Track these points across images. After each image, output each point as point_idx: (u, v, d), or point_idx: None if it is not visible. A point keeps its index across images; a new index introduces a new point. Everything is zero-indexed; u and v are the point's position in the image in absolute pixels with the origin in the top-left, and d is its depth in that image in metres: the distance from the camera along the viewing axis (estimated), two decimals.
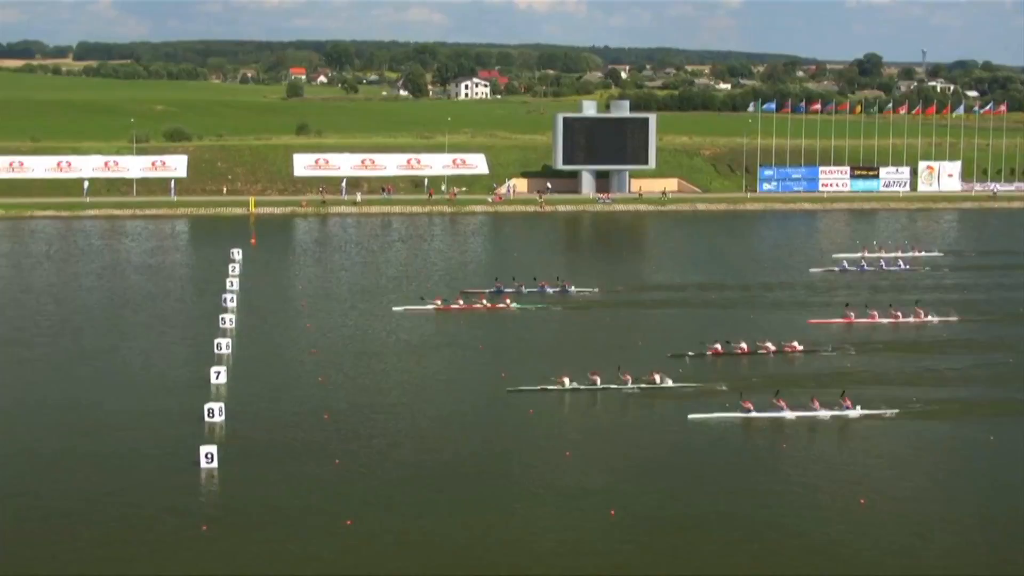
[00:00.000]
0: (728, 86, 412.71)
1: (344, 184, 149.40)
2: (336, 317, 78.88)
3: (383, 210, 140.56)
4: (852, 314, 77.49)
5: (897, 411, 55.63)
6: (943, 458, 49.95)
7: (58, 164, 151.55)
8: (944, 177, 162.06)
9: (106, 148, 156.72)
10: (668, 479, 46.70)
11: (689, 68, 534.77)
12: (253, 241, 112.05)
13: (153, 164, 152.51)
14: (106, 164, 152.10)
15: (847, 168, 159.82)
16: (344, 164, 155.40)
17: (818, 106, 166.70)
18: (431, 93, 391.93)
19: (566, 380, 59.57)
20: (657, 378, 60.24)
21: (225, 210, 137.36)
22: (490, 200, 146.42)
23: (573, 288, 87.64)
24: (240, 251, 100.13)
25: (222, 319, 74.66)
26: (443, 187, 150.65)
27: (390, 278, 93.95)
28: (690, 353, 67.00)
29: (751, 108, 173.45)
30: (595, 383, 59.60)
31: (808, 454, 50.28)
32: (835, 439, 52.78)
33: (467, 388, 60.37)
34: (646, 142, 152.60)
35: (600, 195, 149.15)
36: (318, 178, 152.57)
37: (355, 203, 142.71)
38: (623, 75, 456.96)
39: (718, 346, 67.41)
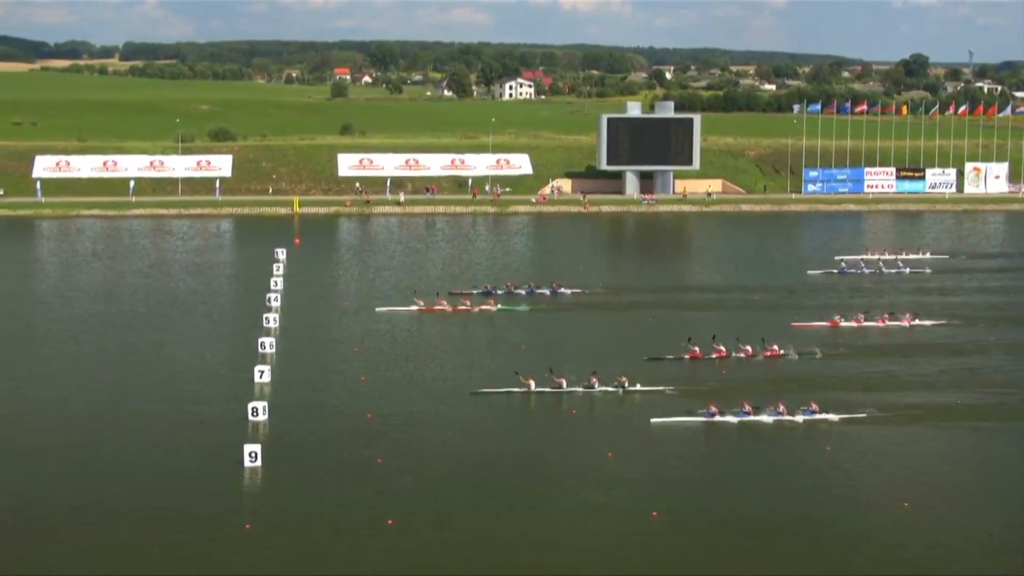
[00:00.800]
0: (773, 87, 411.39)
1: (388, 184, 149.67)
2: (379, 317, 78.94)
3: (426, 210, 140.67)
4: (837, 317, 76.77)
5: (866, 415, 55.14)
6: (919, 462, 49.36)
7: (104, 164, 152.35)
8: (991, 179, 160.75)
9: (151, 148, 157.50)
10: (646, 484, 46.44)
11: (734, 68, 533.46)
12: (297, 241, 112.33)
13: (198, 164, 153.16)
14: (151, 164, 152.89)
15: (893, 169, 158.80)
16: (388, 164, 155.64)
17: (864, 107, 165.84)
18: (475, 93, 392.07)
19: (532, 383, 59.18)
20: (625, 381, 59.78)
21: (269, 210, 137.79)
22: (534, 200, 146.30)
23: (563, 289, 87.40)
24: (284, 251, 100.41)
25: (266, 318, 74.90)
26: (487, 187, 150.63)
27: (433, 278, 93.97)
28: (668, 356, 66.53)
29: (796, 109, 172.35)
30: (561, 386, 59.14)
31: (792, 457, 49.93)
32: (809, 441, 52.21)
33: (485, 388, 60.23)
34: (690, 143, 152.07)
35: (643, 196, 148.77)
36: (362, 178, 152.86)
37: (398, 203, 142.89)
38: (667, 75, 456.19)
39: (696, 349, 66.79)
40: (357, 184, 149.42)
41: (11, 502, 43.57)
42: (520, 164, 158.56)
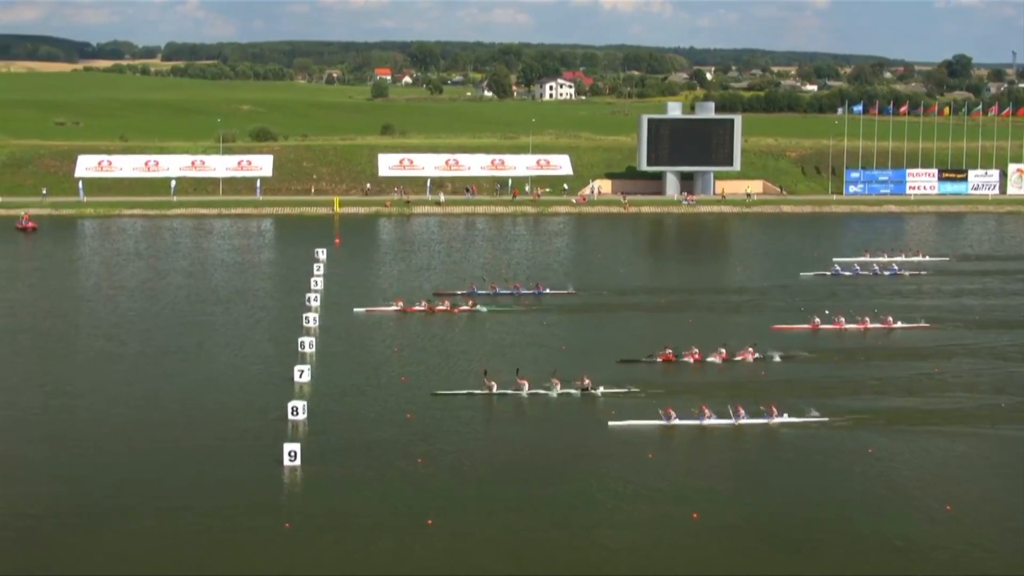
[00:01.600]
0: (814, 87, 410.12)
1: (429, 184, 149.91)
2: (418, 316, 79.05)
3: (466, 210, 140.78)
4: (817, 320, 76.04)
5: (826, 419, 54.49)
6: (875, 466, 48.73)
7: (146, 163, 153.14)
8: None
9: (193, 148, 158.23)
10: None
11: (775, 69, 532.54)
12: (337, 241, 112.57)
13: (239, 164, 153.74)
14: (193, 163, 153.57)
15: (935, 171, 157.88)
16: (428, 164, 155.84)
17: (906, 108, 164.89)
18: (515, 94, 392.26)
19: (494, 385, 58.95)
20: (588, 383, 59.39)
21: (309, 210, 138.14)
22: (574, 201, 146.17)
23: (548, 290, 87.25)
24: (324, 251, 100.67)
25: (306, 318, 75.06)
26: (527, 188, 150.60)
27: (473, 278, 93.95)
28: (640, 359, 66.08)
29: (839, 111, 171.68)
30: (522, 388, 58.89)
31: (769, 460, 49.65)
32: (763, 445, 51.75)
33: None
34: (731, 143, 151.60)
35: (683, 196, 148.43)
36: (402, 178, 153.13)
37: (438, 203, 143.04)
38: (708, 76, 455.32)
39: (669, 352, 66.33)
40: (396, 188, 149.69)
41: (52, 501, 43.72)
42: (560, 165, 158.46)
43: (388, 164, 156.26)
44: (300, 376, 60.94)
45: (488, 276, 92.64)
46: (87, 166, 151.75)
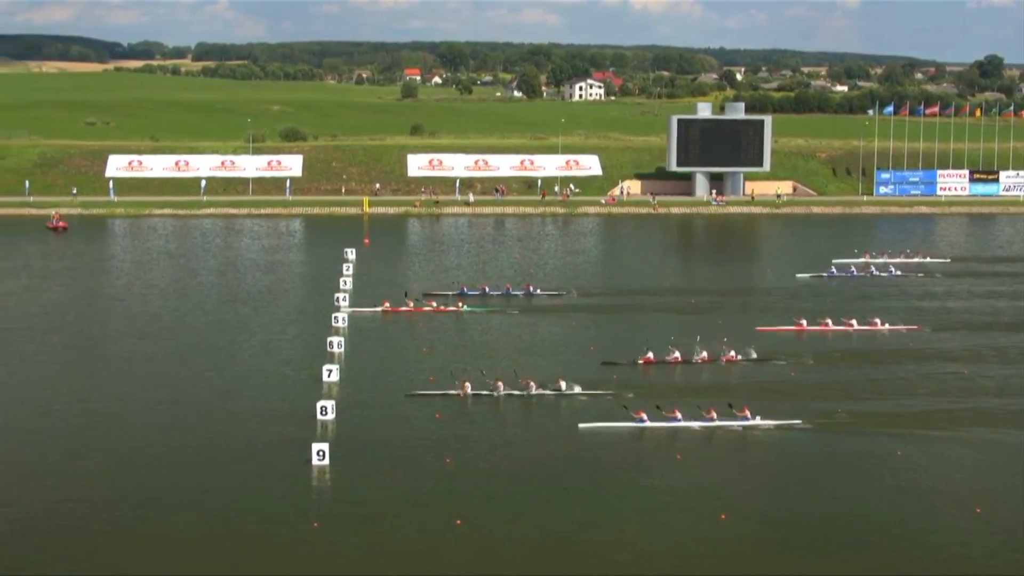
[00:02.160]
0: (845, 88, 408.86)
1: (458, 184, 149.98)
2: (448, 316, 79.09)
3: (496, 210, 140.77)
4: (803, 322, 75.47)
5: (799, 421, 54.10)
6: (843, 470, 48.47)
7: (176, 163, 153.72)
8: None
9: (223, 148, 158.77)
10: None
11: (805, 70, 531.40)
12: (366, 241, 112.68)
13: (269, 164, 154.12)
14: (223, 163, 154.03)
15: (966, 172, 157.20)
16: (457, 165, 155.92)
17: (937, 109, 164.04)
18: (545, 94, 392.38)
19: (468, 385, 58.79)
20: (563, 385, 59.01)
21: (339, 210, 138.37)
22: (603, 202, 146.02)
23: (538, 291, 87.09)
24: (353, 251, 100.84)
25: (335, 318, 75.14)
26: (556, 188, 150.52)
27: (501, 277, 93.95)
28: (622, 361, 65.67)
29: (870, 112, 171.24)
30: (497, 389, 58.63)
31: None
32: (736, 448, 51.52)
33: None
34: (761, 144, 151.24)
35: (712, 197, 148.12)
36: (432, 178, 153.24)
37: (467, 203, 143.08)
38: (738, 77, 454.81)
39: (651, 355, 65.86)
40: (424, 189, 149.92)
41: (83, 500, 43.83)
42: (589, 165, 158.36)
43: (417, 164, 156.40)
44: (329, 376, 60.99)
45: (498, 277, 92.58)
46: (118, 166, 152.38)
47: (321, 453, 47.69)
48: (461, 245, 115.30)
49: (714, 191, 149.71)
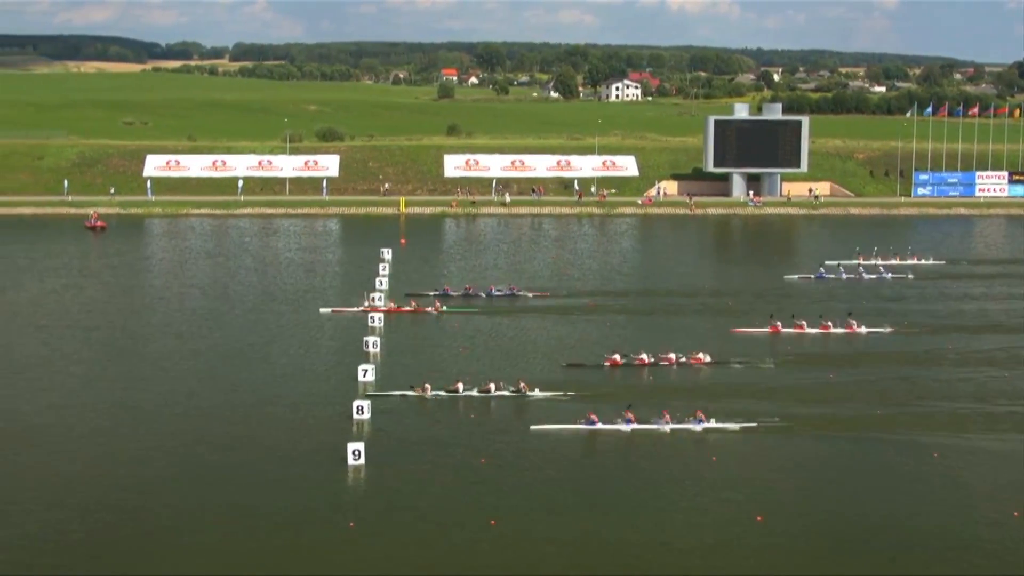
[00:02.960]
0: (883, 89, 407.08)
1: (494, 185, 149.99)
2: (481, 316, 79.17)
3: (532, 211, 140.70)
4: (778, 323, 74.75)
5: (755, 424, 53.59)
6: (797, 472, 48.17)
7: (213, 163, 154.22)
8: None
9: (260, 148, 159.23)
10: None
11: (843, 70, 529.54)
12: (403, 241, 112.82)
13: (306, 164, 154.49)
14: (260, 163, 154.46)
15: (1005, 173, 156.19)
16: (494, 165, 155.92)
17: (976, 110, 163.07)
18: (581, 95, 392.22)
19: (428, 386, 58.64)
20: (523, 386, 58.83)
21: (376, 210, 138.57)
22: (639, 202, 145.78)
23: (523, 292, 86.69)
24: (390, 251, 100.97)
25: (371, 317, 75.26)
26: (592, 189, 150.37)
27: (534, 277, 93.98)
28: (587, 363, 65.33)
29: (908, 114, 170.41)
30: (457, 390, 58.41)
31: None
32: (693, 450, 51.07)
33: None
34: (798, 145, 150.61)
35: (749, 198, 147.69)
36: (468, 179, 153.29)
37: (503, 204, 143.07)
38: (776, 77, 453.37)
39: (616, 356, 65.44)
40: (459, 189, 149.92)
41: (120, 501, 44.01)
42: (626, 166, 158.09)
43: (454, 164, 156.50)
44: (364, 376, 61.09)
45: (530, 278, 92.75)
46: (155, 166, 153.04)
47: (357, 453, 47.75)
48: (497, 245, 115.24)
49: (751, 192, 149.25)
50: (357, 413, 53.93)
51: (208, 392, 59.23)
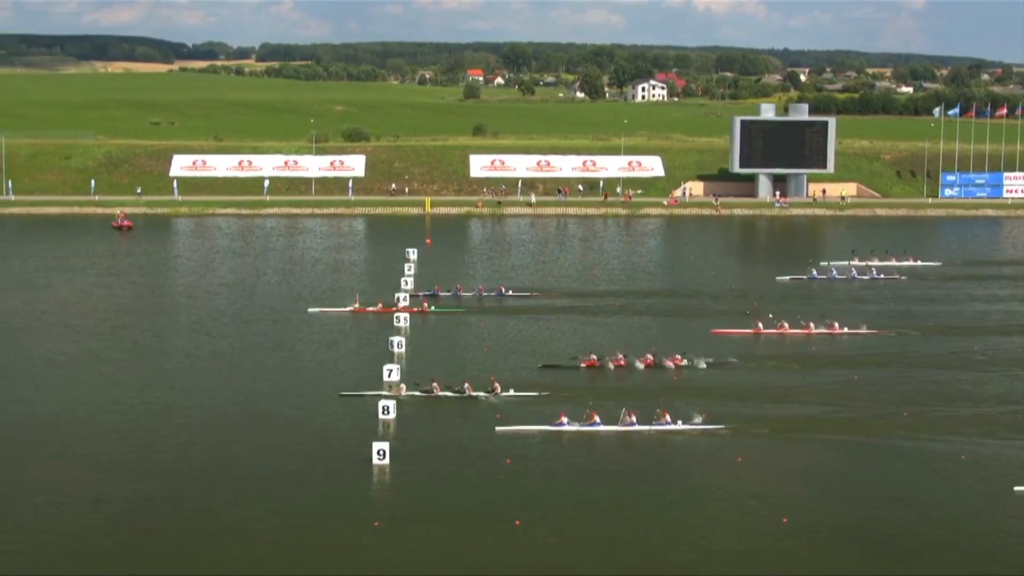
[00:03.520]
0: (910, 89, 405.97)
1: (520, 185, 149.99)
2: (508, 316, 79.17)
3: (558, 211, 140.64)
4: (759, 325, 74.28)
5: (721, 426, 53.22)
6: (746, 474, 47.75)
7: (240, 163, 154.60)
8: None
9: (286, 148, 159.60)
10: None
11: (870, 71, 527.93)
12: (428, 241, 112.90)
13: (332, 164, 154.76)
14: (286, 163, 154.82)
15: None
16: (520, 165, 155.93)
17: (1004, 111, 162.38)
18: (608, 95, 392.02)
19: (403, 387, 58.62)
20: (498, 387, 58.76)
21: (401, 210, 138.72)
22: (665, 203, 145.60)
23: (510, 292, 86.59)
24: (415, 251, 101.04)
25: (396, 317, 75.37)
26: (618, 189, 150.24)
27: (559, 277, 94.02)
28: (563, 364, 65.10)
29: (936, 113, 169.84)
30: (433, 390, 58.27)
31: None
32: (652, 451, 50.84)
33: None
34: (825, 146, 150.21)
35: (775, 199, 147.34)
36: (494, 179, 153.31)
37: (529, 204, 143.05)
38: (802, 78, 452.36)
39: (593, 357, 65.09)
40: (485, 189, 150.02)
41: (148, 499, 44.12)
42: (652, 166, 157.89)
43: (480, 165, 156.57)
44: (390, 375, 61.11)
45: (557, 278, 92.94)
46: (182, 165, 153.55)
47: (382, 452, 47.79)
48: (522, 246, 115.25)
49: (777, 192, 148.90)
50: (383, 413, 53.96)
51: (234, 391, 59.41)
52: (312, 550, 39.62)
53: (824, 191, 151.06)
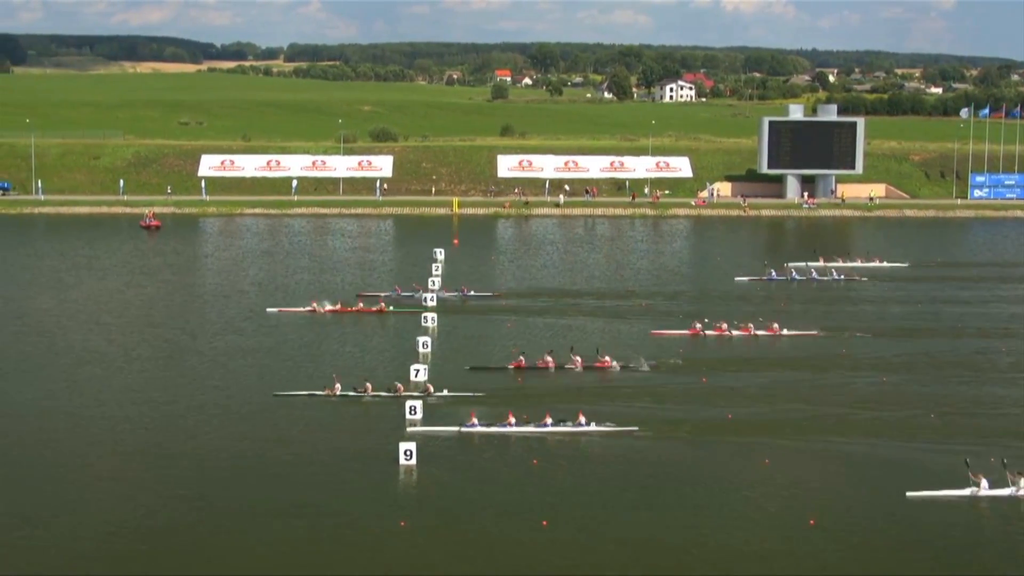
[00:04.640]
0: (939, 90, 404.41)
1: (547, 185, 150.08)
2: (535, 317, 79.26)
3: (585, 212, 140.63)
4: (698, 326, 73.52)
5: (636, 428, 52.88)
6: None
7: (268, 163, 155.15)
8: None
9: (314, 148, 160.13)
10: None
11: (899, 71, 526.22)
12: (456, 241, 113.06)
13: (359, 164, 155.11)
14: (314, 163, 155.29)
15: None
16: (547, 166, 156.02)
17: None
18: (635, 95, 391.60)
19: (338, 386, 58.52)
20: (431, 388, 58.71)
21: (429, 210, 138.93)
22: (693, 204, 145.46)
23: (472, 292, 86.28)
24: (442, 251, 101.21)
25: (424, 317, 75.49)
26: (646, 190, 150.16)
27: (586, 278, 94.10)
28: (491, 366, 64.77)
29: (964, 113, 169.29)
30: (367, 391, 58.27)
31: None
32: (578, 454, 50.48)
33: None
34: (853, 146, 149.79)
35: (803, 199, 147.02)
36: (521, 179, 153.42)
37: (557, 205, 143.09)
38: (831, 78, 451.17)
39: (522, 359, 64.72)
40: (516, 189, 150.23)
41: (178, 498, 44.29)
42: (680, 167, 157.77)
43: (507, 165, 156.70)
44: (417, 376, 61.26)
45: (587, 279, 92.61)
46: (210, 165, 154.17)
47: (408, 452, 47.89)
48: (549, 246, 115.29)
49: (805, 193, 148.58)
50: (410, 413, 54.06)
51: (263, 389, 59.54)
52: (338, 549, 39.74)
53: (833, 191, 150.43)
